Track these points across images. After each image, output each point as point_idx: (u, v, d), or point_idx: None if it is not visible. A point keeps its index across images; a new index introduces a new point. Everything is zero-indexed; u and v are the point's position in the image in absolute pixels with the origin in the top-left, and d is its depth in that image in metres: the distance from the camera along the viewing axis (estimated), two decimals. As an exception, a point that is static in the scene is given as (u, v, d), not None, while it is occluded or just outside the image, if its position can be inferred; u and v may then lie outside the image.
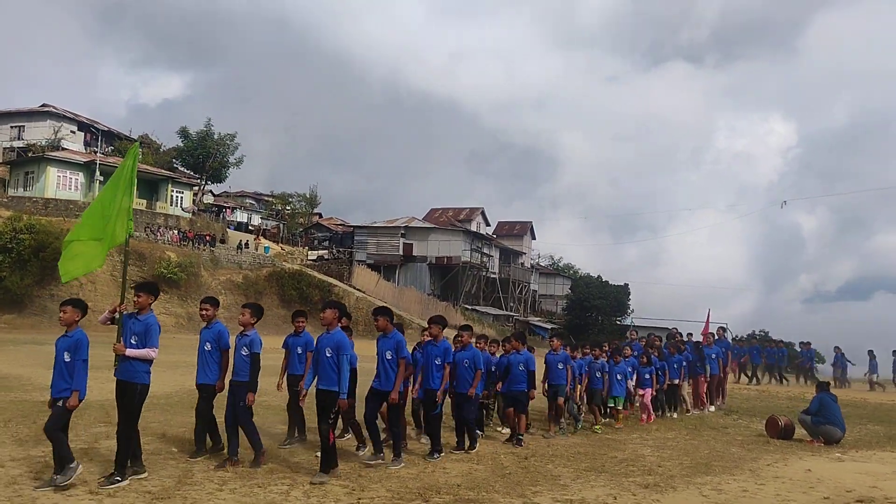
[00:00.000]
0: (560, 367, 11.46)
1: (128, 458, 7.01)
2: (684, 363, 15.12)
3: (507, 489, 7.65)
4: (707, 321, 23.36)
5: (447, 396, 9.60)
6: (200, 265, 46.35)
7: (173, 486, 6.95)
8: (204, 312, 8.33)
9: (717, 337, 17.60)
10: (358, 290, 52.25)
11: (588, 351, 13.33)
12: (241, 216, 71.23)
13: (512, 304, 61.44)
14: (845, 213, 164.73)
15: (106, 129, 60.81)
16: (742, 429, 13.42)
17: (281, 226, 70.52)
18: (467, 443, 9.69)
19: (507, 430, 11.16)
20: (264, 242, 56.99)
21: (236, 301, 42.95)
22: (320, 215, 79.44)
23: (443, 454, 9.11)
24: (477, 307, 55.20)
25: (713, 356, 16.03)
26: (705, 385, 15.92)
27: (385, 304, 9.77)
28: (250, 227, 66.78)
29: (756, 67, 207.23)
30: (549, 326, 57.41)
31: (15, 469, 7.31)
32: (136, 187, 7.83)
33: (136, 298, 7.33)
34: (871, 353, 26.18)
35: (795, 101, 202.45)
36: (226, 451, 8.12)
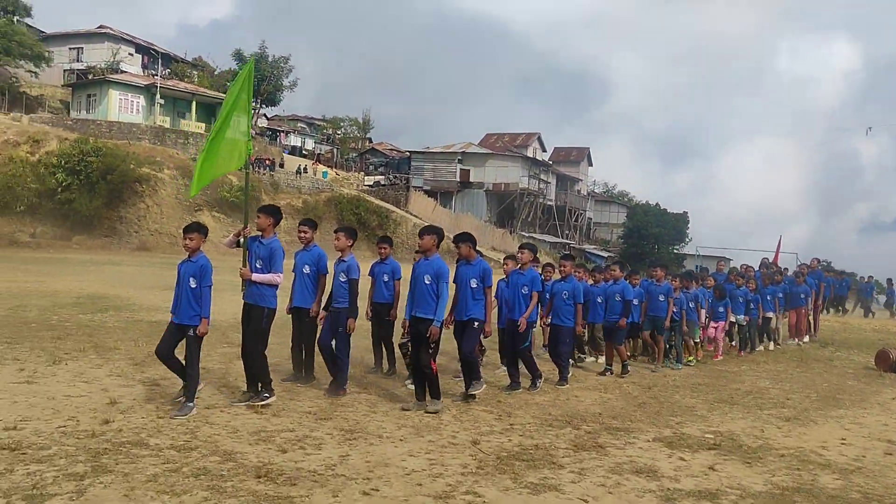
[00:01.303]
0: (661, 300, 11.00)
1: (266, 377, 6.98)
2: (780, 294, 14.74)
3: (650, 419, 7.62)
4: (778, 248, 22.88)
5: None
6: (261, 189, 46.69)
7: (329, 408, 7.08)
8: (303, 235, 8.11)
9: (811, 268, 17.24)
10: (415, 216, 52.23)
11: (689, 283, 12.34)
12: (294, 140, 71.16)
13: (567, 232, 60.96)
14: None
15: (164, 51, 60.69)
16: (846, 361, 13.20)
17: (335, 150, 70.43)
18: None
19: (600, 361, 11.02)
20: (322, 167, 57.06)
21: (296, 226, 43.22)
22: (370, 140, 79.05)
23: (541, 383, 8.79)
24: (534, 235, 54.88)
25: (809, 288, 15.68)
26: (805, 317, 15.59)
27: (468, 231, 9.18)
28: (304, 152, 66.79)
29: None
30: (604, 254, 57.04)
31: (173, 388, 7.50)
32: (250, 103, 7.41)
33: (255, 220, 7.23)
34: (889, 281, 26.16)
35: (862, 22, 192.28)
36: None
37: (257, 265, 6.99)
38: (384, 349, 9.23)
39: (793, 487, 5.56)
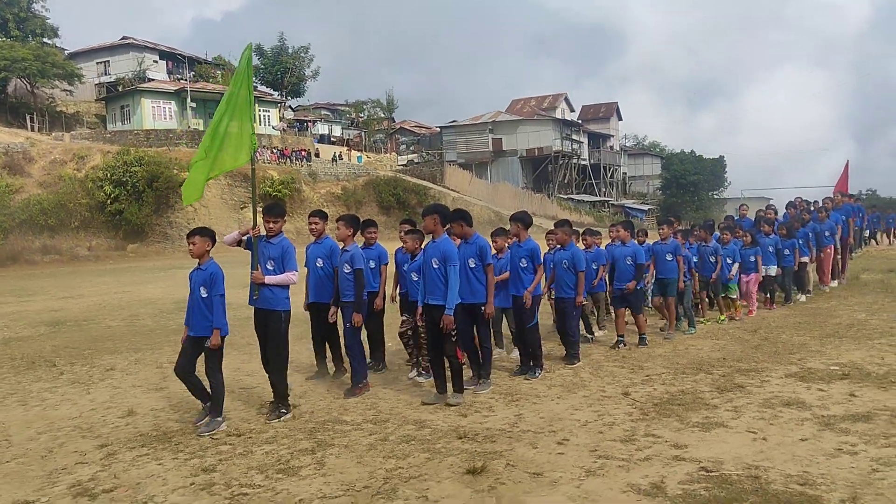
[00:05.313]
0: (669, 259, 9.95)
1: (287, 387, 6.63)
2: (810, 235, 13.10)
3: (772, 358, 8.12)
4: (845, 174, 19.52)
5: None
6: (301, 181, 47.47)
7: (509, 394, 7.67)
8: (313, 227, 7.73)
9: (834, 203, 15.25)
10: (453, 190, 52.78)
11: (703, 235, 11.17)
12: (322, 129, 71.79)
13: (604, 189, 61.05)
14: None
15: (188, 55, 61.52)
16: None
17: (363, 134, 70.95)
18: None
19: (600, 333, 10.24)
20: (356, 153, 57.68)
21: (338, 212, 43.79)
22: (393, 119, 79.33)
23: (543, 371, 7.88)
24: (572, 196, 55.13)
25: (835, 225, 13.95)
26: (830, 258, 13.81)
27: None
28: (332, 139, 67.43)
29: None
30: (645, 208, 57.07)
31: (326, 371, 8.16)
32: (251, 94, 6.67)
33: (269, 224, 6.63)
34: None
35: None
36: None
37: (268, 266, 6.57)
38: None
39: (935, 404, 6.04)
